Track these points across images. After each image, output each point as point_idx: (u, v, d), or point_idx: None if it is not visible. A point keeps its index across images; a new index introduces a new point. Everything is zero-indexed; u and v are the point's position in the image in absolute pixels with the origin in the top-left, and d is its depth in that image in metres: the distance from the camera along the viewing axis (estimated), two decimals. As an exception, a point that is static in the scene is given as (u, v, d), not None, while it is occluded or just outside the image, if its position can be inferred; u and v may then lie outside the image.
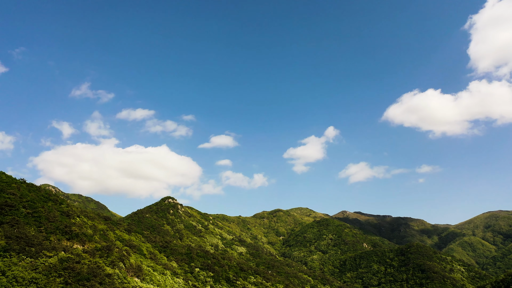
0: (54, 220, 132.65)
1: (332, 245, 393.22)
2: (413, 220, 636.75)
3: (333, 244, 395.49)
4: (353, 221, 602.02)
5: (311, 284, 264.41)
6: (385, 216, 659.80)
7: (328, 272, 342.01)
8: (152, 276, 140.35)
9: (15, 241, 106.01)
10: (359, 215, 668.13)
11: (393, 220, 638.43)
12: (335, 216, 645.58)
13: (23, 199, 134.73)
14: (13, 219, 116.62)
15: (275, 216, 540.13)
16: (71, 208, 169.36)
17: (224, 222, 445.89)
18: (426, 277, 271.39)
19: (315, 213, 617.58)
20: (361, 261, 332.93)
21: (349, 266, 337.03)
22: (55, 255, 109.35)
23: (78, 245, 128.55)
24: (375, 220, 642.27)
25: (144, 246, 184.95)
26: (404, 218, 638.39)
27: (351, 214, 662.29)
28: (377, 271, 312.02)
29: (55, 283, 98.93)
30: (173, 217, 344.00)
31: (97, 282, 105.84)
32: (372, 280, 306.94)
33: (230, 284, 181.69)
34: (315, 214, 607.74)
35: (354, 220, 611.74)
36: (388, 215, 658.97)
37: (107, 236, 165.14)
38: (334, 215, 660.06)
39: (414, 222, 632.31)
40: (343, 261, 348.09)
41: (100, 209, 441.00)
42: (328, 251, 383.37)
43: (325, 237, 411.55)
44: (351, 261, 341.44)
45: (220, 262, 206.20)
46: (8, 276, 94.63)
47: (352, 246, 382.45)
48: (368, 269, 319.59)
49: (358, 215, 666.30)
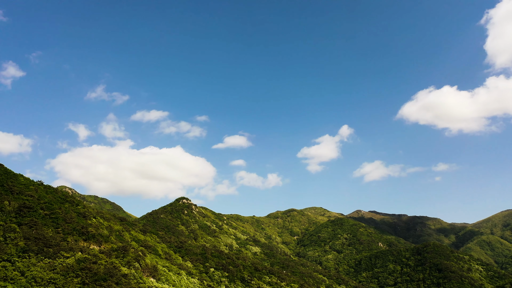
0: (71, 221, 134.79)
1: (347, 245, 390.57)
2: (430, 219, 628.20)
3: (348, 243, 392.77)
4: (368, 220, 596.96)
5: (326, 284, 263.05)
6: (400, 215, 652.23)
7: (343, 272, 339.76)
8: (168, 276, 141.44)
9: (34, 242, 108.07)
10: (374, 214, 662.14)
11: (409, 219, 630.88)
12: (349, 215, 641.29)
13: (41, 200, 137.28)
14: (32, 221, 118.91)
15: (289, 216, 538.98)
16: (87, 209, 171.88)
17: (238, 222, 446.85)
18: (443, 276, 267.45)
19: (329, 213, 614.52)
20: (377, 261, 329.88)
21: (365, 265, 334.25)
22: (73, 255, 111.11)
23: (95, 245, 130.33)
24: (391, 219, 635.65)
25: (159, 247, 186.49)
26: (420, 217, 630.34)
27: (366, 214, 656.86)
28: (393, 271, 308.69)
29: (73, 283, 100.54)
30: (187, 218, 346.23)
31: (114, 282, 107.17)
32: (388, 279, 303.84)
33: (245, 284, 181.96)
34: (329, 214, 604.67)
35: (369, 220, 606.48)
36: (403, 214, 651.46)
37: (123, 237, 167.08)
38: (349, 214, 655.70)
39: (431, 221, 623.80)
40: (358, 261, 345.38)
41: (116, 210, 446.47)
42: (343, 251, 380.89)
43: (340, 236, 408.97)
44: (367, 260, 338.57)
45: (234, 262, 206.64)
46: (27, 276, 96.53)
47: (367, 245, 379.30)
48: (384, 269, 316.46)
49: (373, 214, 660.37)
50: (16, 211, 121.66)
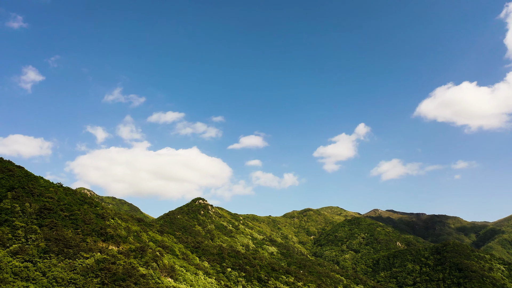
0: (90, 222, 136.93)
1: (364, 244, 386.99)
2: (449, 218, 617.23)
3: (365, 243, 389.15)
4: (385, 219, 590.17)
5: (343, 283, 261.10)
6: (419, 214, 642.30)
7: (361, 272, 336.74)
8: (185, 276, 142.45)
9: (54, 243, 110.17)
10: (392, 213, 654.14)
11: (428, 218, 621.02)
12: (366, 214, 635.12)
13: (61, 202, 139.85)
14: (52, 222, 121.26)
15: (305, 215, 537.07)
16: (106, 211, 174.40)
17: (254, 222, 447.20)
18: (463, 276, 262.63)
19: (346, 212, 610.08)
20: (395, 260, 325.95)
21: (383, 265, 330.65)
22: (92, 256, 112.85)
23: (113, 246, 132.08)
24: (409, 218, 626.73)
25: (176, 247, 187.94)
26: (439, 216, 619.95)
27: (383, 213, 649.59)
28: (412, 270, 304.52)
29: (93, 283, 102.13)
30: (204, 218, 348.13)
31: (132, 282, 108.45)
32: (407, 279, 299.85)
33: (262, 284, 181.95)
34: (346, 213, 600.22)
35: (387, 219, 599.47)
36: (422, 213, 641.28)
37: (141, 237, 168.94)
38: (366, 213, 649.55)
39: (450, 219, 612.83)
40: (376, 260, 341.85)
41: (133, 211, 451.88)
42: (360, 250, 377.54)
43: (357, 236, 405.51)
44: (385, 260, 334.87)
45: (251, 262, 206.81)
46: (49, 276, 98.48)
47: (385, 245, 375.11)
48: (403, 268, 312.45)
49: (390, 213, 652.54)
50: (37, 212, 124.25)
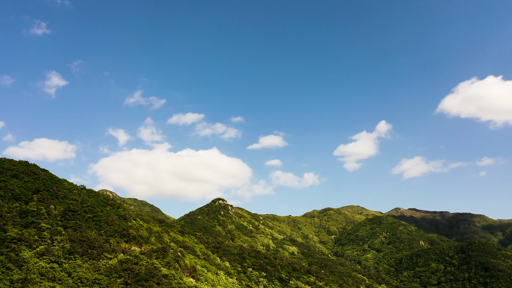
0: (113, 223, 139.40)
1: (386, 243, 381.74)
2: (474, 216, 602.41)
3: (387, 242, 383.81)
4: (407, 218, 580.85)
5: (366, 283, 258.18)
6: (442, 212, 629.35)
7: (383, 271, 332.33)
8: (206, 276, 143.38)
9: (79, 244, 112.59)
10: (414, 211, 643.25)
11: (452, 216, 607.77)
12: (388, 213, 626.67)
13: (84, 204, 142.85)
14: (76, 224, 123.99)
15: (326, 215, 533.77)
16: (128, 212, 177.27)
17: (274, 222, 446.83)
18: (490, 275, 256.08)
19: (367, 211, 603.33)
20: (418, 260, 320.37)
21: (406, 264, 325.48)
22: (115, 257, 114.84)
23: (136, 247, 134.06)
24: (432, 216, 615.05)
25: (197, 247, 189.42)
26: (464, 214, 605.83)
27: (405, 211, 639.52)
28: (436, 270, 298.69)
29: (116, 283, 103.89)
30: (224, 218, 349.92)
31: (155, 283, 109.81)
32: (431, 279, 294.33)
33: (283, 284, 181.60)
34: (367, 212, 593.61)
35: (409, 217, 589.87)
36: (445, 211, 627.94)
37: (162, 238, 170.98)
38: (387, 212, 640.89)
39: (475, 218, 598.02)
40: (398, 260, 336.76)
41: (155, 212, 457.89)
42: (382, 250, 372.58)
43: (379, 235, 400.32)
44: (408, 259, 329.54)
45: (272, 262, 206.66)
46: (74, 277, 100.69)
47: (407, 244, 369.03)
48: (426, 268, 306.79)
49: (413, 212, 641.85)
50: (61, 214, 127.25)
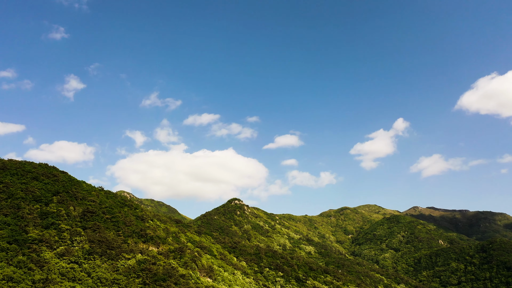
0: (130, 224, 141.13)
1: (404, 243, 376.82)
2: (495, 214, 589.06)
3: (405, 241, 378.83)
4: (426, 217, 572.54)
5: (384, 283, 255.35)
6: (462, 210, 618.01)
7: (401, 271, 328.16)
8: (223, 276, 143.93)
9: (98, 244, 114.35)
10: (433, 210, 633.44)
11: (472, 215, 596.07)
12: (406, 212, 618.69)
13: (102, 205, 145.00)
14: (95, 224, 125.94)
15: (342, 214, 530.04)
16: (145, 213, 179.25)
17: (290, 221, 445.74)
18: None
19: (384, 210, 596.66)
20: (438, 259, 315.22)
21: (425, 264, 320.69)
22: (133, 257, 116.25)
23: (153, 247, 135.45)
24: (451, 215, 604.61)
25: (214, 247, 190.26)
26: (484, 213, 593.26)
27: (423, 210, 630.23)
28: (456, 269, 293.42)
29: (135, 283, 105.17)
30: (240, 218, 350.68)
31: (173, 283, 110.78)
32: (451, 278, 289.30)
33: (300, 284, 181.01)
34: (384, 211, 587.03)
35: (427, 216, 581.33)
36: (465, 210, 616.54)
37: (179, 238, 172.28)
38: (405, 211, 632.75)
39: (497, 216, 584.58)
40: (417, 259, 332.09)
41: (171, 213, 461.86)
42: (400, 249, 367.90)
43: (397, 234, 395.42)
44: (426, 259, 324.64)
45: (289, 261, 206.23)
46: (93, 277, 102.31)
47: (426, 243, 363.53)
48: (446, 267, 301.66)
49: (431, 210, 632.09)
50: (80, 215, 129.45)
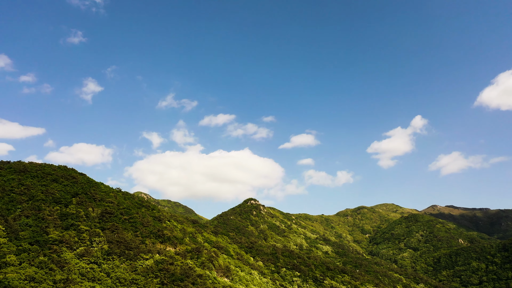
0: (148, 225, 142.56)
1: (423, 242, 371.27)
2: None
3: (424, 240, 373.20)
4: (445, 215, 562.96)
5: (403, 283, 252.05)
6: (482, 209, 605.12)
7: (420, 271, 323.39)
8: (240, 276, 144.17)
9: (116, 245, 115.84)
10: (452, 209, 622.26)
11: (493, 213, 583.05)
12: (424, 211, 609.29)
13: (120, 206, 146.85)
14: (113, 225, 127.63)
15: (359, 213, 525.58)
16: (162, 213, 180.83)
17: (307, 221, 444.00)
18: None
19: (402, 209, 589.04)
20: (458, 258, 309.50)
21: (444, 263, 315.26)
22: (151, 257, 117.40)
23: (171, 247, 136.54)
24: (471, 214, 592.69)
25: (230, 247, 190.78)
26: (505, 211, 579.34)
27: (442, 208, 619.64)
28: (477, 269, 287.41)
29: (153, 283, 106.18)
30: (256, 218, 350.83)
31: (190, 283, 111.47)
32: (471, 278, 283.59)
33: (317, 284, 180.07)
34: (402, 210, 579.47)
35: (447, 215, 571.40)
36: (485, 208, 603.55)
37: (196, 239, 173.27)
38: (423, 210, 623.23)
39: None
40: (437, 259, 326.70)
41: (188, 213, 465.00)
42: (419, 248, 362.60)
43: (415, 233, 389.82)
44: (446, 258, 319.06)
45: (306, 261, 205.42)
46: (112, 277, 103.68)
47: (446, 242, 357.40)
48: (467, 267, 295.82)
49: (450, 209, 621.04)
50: (99, 216, 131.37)
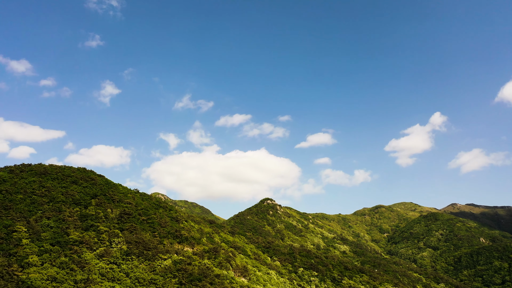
0: (165, 225, 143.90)
1: (443, 241, 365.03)
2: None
3: (444, 239, 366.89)
4: (465, 214, 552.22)
5: (423, 282, 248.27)
6: (504, 207, 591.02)
7: (441, 270, 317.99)
8: (258, 275, 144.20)
9: (135, 245, 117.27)
10: (473, 207, 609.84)
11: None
12: (444, 209, 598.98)
13: (138, 207, 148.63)
14: (131, 226, 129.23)
15: (377, 212, 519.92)
16: (179, 214, 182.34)
17: (324, 220, 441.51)
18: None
19: (420, 208, 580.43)
20: (479, 258, 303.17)
21: (465, 263, 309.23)
22: (169, 257, 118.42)
23: (188, 247, 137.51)
24: (492, 212, 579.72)
25: (248, 247, 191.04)
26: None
27: (462, 207, 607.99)
28: (500, 268, 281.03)
29: (171, 283, 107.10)
30: (273, 218, 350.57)
31: (208, 282, 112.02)
32: (494, 278, 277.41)
33: (335, 284, 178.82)
34: (421, 209, 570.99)
35: (467, 213, 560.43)
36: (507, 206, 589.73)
37: (213, 239, 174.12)
38: (443, 208, 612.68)
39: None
40: (457, 258, 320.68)
41: (205, 213, 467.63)
42: (439, 247, 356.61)
43: (434, 232, 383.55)
44: (467, 257, 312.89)
45: (323, 261, 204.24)
46: (131, 277, 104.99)
47: (466, 241, 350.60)
48: (489, 266, 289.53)
49: (471, 207, 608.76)
50: (117, 217, 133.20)
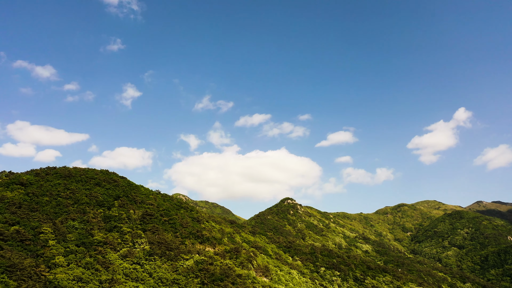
0: (187, 225, 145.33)
1: (468, 239, 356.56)
2: None
3: (469, 238, 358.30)
4: (492, 212, 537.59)
5: (448, 282, 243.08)
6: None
7: (467, 269, 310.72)
8: (279, 275, 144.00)
9: (157, 246, 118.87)
10: (499, 204, 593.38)
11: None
12: (469, 207, 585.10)
13: (160, 208, 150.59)
14: (154, 227, 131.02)
15: (400, 211, 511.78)
16: (200, 214, 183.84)
17: (345, 220, 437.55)
18: None
19: (444, 206, 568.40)
20: (507, 256, 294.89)
21: (492, 262, 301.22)
22: (191, 257, 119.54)
23: (210, 248, 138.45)
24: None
25: (269, 247, 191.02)
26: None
27: (488, 205, 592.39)
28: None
29: (194, 283, 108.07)
30: (293, 218, 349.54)
31: (230, 282, 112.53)
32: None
33: (358, 283, 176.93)
34: (445, 207, 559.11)
35: (494, 211, 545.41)
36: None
37: (234, 239, 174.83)
38: (468, 206, 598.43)
39: None
40: (484, 257, 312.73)
41: (225, 214, 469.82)
42: (464, 246, 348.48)
43: (459, 231, 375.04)
44: (495, 256, 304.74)
45: (345, 260, 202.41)
46: (155, 277, 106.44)
47: (493, 239, 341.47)
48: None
49: (497, 205, 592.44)
50: (140, 218, 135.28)
